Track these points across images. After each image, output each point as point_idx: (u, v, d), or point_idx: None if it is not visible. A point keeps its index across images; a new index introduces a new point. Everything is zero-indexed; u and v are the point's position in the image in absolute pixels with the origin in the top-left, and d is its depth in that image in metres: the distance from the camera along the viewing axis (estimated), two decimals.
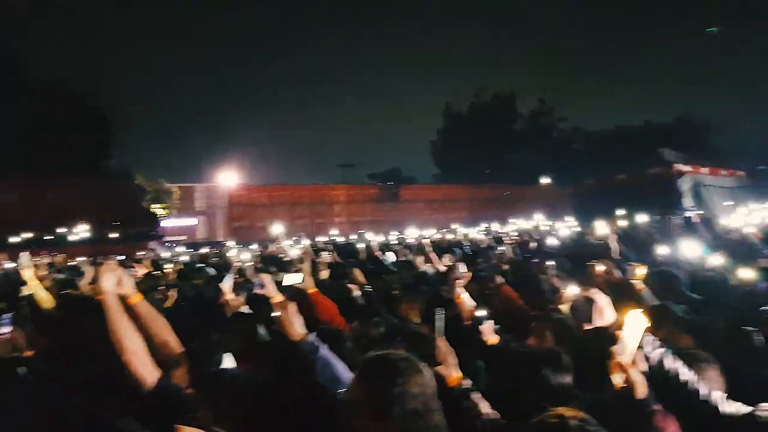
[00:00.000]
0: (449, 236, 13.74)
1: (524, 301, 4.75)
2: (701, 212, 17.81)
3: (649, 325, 1.93)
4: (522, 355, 2.76)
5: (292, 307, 2.48)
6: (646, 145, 36.26)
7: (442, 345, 2.19)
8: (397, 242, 12.48)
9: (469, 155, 47.08)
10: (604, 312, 2.27)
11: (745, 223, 9.37)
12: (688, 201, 26.29)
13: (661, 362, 2.04)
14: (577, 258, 6.72)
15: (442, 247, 9.88)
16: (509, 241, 9.71)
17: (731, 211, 16.47)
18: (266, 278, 3.66)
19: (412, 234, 14.33)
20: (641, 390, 1.90)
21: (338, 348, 3.27)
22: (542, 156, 43.01)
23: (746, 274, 4.50)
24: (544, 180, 39.09)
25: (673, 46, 73.38)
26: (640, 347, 1.96)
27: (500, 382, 2.57)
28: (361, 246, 9.53)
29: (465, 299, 3.46)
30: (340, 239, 15.76)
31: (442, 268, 6.83)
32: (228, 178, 28.83)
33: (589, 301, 2.36)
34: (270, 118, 62.39)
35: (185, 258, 12.25)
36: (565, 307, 4.05)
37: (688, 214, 16.05)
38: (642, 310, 1.98)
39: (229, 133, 57.01)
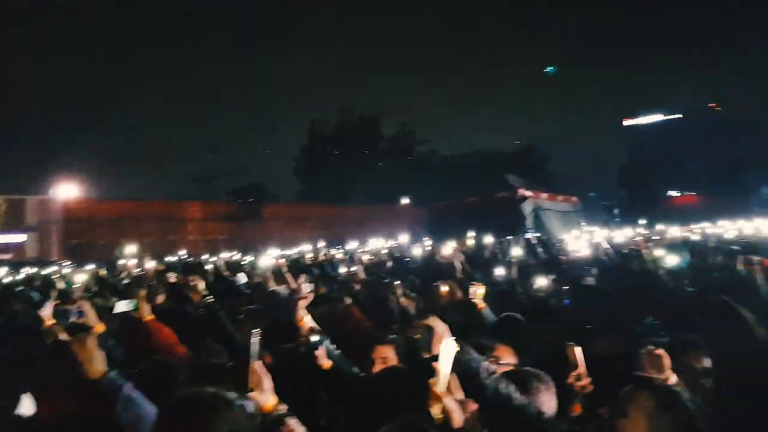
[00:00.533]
0: (308, 256, 13.57)
1: (373, 321, 4.75)
2: (539, 234, 19.57)
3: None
4: (356, 379, 2.72)
5: (92, 341, 2.20)
6: (495, 170, 39.35)
7: (257, 369, 2.06)
8: (247, 262, 12.07)
9: (331, 174, 47.44)
10: (443, 339, 2.29)
11: (578, 246, 10.36)
12: (528, 223, 28.87)
13: (496, 388, 2.10)
14: (427, 277, 6.95)
15: (300, 268, 9.68)
16: (364, 261, 9.78)
17: (566, 234, 18.32)
18: (85, 305, 3.26)
19: (271, 253, 13.93)
20: (457, 419, 1.90)
21: (169, 382, 3.00)
22: (402, 177, 44.58)
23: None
24: (404, 200, 40.48)
25: (521, 78, 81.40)
26: (464, 373, 2.00)
27: (335, 406, 2.50)
28: (210, 267, 9.04)
29: (307, 322, 3.35)
30: (191, 259, 14.87)
31: None
32: (66, 191, 25.91)
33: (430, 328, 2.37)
34: (120, 126, 57.85)
35: (6, 279, 10.84)
36: (416, 331, 4.08)
37: (528, 236, 17.56)
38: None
39: (71, 142, 51.56)
